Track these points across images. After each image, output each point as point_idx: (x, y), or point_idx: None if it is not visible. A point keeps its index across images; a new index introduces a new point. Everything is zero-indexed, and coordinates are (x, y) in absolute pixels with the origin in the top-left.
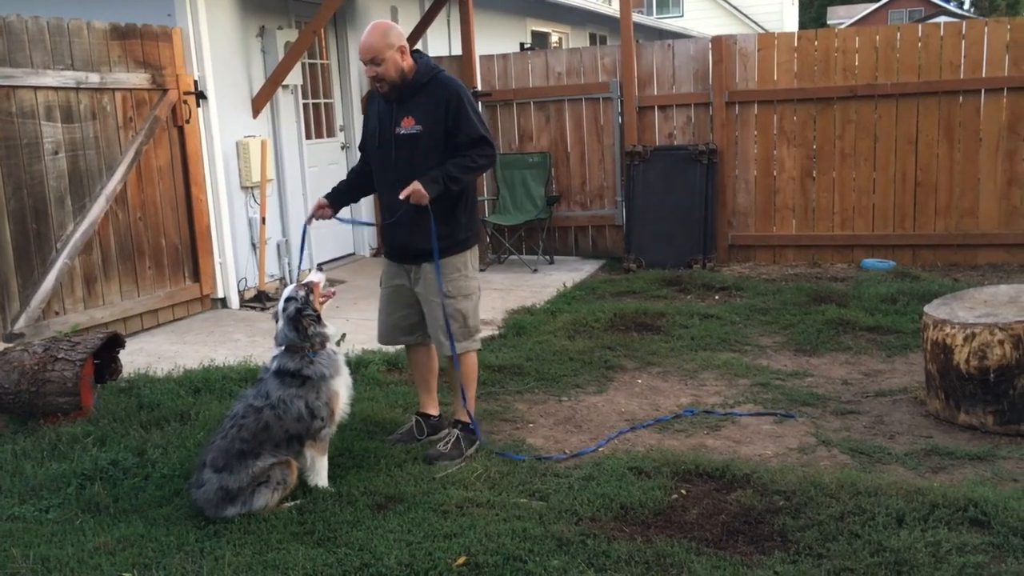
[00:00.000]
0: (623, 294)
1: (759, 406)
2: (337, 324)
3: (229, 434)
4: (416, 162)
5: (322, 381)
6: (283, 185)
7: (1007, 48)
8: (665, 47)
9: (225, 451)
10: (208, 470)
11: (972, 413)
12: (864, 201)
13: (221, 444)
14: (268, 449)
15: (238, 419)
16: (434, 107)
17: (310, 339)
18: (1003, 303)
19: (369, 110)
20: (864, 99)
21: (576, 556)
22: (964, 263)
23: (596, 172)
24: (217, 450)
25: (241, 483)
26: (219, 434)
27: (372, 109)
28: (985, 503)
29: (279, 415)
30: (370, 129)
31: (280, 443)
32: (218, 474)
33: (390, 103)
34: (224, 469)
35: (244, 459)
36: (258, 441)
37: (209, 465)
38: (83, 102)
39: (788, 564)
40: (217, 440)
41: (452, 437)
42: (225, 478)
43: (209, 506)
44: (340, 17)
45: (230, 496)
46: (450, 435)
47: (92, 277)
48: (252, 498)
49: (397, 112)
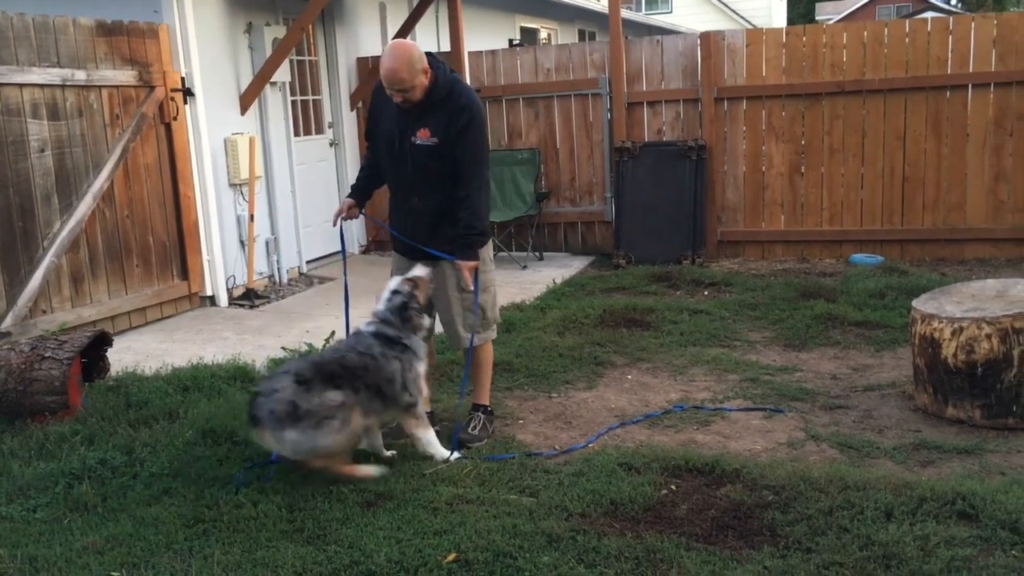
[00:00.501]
0: (613, 290)
1: (748, 401)
2: (326, 321)
3: (326, 356)
4: (432, 174)
5: (415, 356)
6: (272, 182)
7: (994, 43)
8: (654, 43)
9: (317, 367)
10: (287, 377)
11: (960, 407)
12: (852, 196)
13: (315, 360)
14: (350, 388)
15: (340, 351)
16: (448, 120)
17: (412, 327)
18: (990, 297)
19: (378, 103)
20: (852, 95)
21: (566, 552)
22: (952, 258)
23: (585, 168)
24: (309, 363)
25: (311, 405)
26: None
27: (382, 106)
28: (973, 496)
29: (379, 366)
30: (384, 131)
31: (361, 390)
32: (297, 385)
33: (400, 109)
34: (305, 383)
35: (329, 384)
36: (352, 375)
37: (293, 373)
38: (69, 99)
39: (777, 559)
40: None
41: (479, 421)
42: (300, 393)
43: (271, 421)
44: (328, 13)
45: (297, 415)
46: (476, 419)
47: (79, 275)
48: (317, 429)
49: (414, 121)
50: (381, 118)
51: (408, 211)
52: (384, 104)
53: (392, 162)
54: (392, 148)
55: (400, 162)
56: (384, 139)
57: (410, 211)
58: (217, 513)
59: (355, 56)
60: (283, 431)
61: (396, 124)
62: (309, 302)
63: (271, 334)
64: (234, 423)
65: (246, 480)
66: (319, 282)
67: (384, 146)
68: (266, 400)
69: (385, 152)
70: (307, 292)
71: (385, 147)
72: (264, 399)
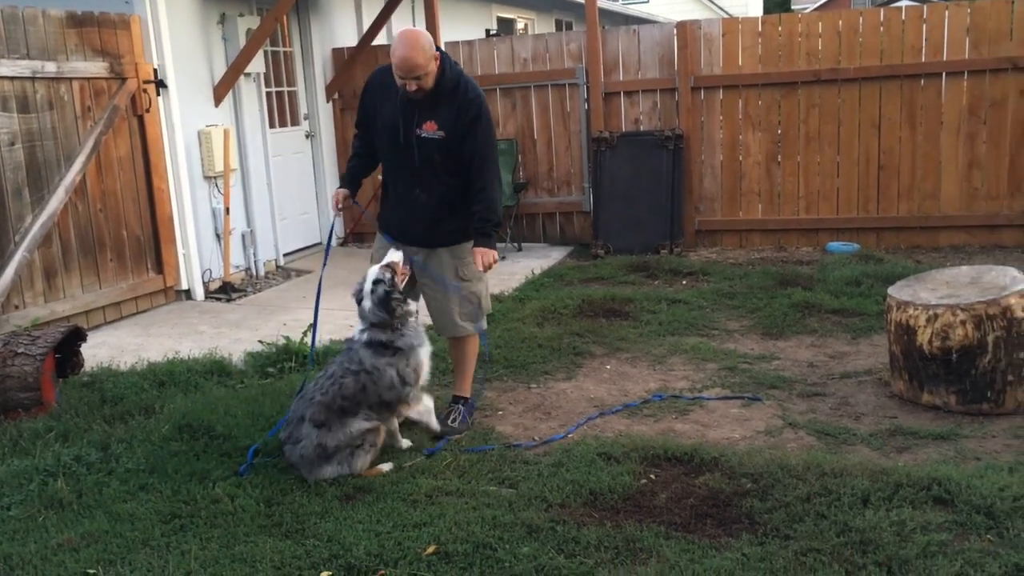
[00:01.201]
0: (591, 280)
1: (727, 390)
2: (304, 314)
3: (330, 391)
4: (438, 167)
5: (411, 351)
6: (247, 174)
7: (967, 31)
8: (631, 33)
9: (327, 407)
10: (308, 425)
11: (935, 393)
12: (828, 185)
13: (322, 400)
14: (363, 411)
15: (337, 378)
16: (456, 114)
17: (399, 318)
18: (964, 284)
19: (374, 93)
20: (828, 83)
21: (546, 542)
22: (926, 245)
23: (563, 158)
24: (318, 406)
25: (339, 441)
26: (316, 390)
27: (380, 96)
28: (948, 482)
29: (374, 380)
30: (385, 123)
31: (373, 406)
32: (318, 430)
33: (402, 101)
34: (323, 425)
35: (344, 417)
36: (355, 401)
37: (309, 420)
38: (40, 92)
39: (756, 546)
40: (317, 396)
41: (459, 413)
42: (324, 435)
43: (305, 464)
44: (303, 4)
45: (327, 454)
46: (456, 411)
47: (52, 270)
48: (351, 459)
49: (419, 113)
50: (380, 109)
51: (411, 203)
52: (382, 94)
53: (395, 154)
54: (396, 140)
55: (405, 155)
56: (386, 131)
57: (412, 203)
58: (194, 508)
59: (330, 47)
60: (321, 469)
61: (400, 115)
62: (286, 295)
63: (248, 327)
64: (211, 417)
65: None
66: (296, 275)
67: (385, 138)
68: (294, 448)
69: (387, 144)
70: (284, 285)
71: (387, 139)
72: (292, 447)
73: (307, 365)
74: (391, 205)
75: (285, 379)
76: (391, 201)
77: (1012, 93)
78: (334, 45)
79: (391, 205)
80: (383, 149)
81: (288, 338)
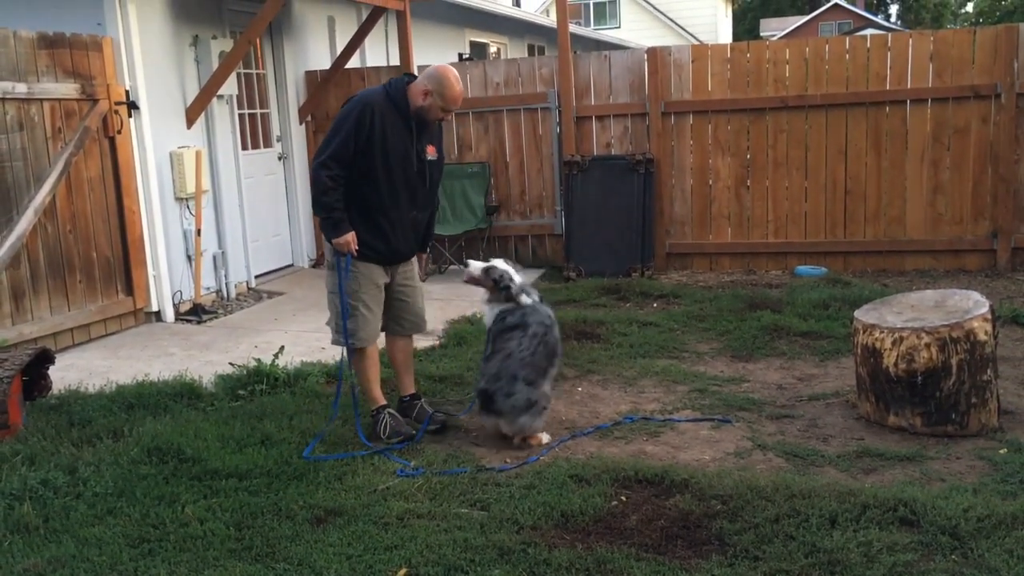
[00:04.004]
0: (563, 303)
1: (697, 412)
2: (275, 336)
3: (537, 351)
4: (436, 187)
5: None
6: (219, 196)
7: (931, 59)
8: (602, 58)
9: (535, 367)
10: (521, 383)
11: (901, 415)
12: (797, 209)
13: (531, 361)
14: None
15: (540, 337)
16: (438, 136)
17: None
18: (929, 308)
19: (377, 123)
20: (795, 109)
21: (517, 565)
22: (893, 269)
23: (535, 182)
24: (530, 367)
25: (533, 396)
26: (524, 350)
27: (385, 125)
28: (914, 503)
29: (555, 335)
30: (396, 151)
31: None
32: (528, 387)
33: (409, 127)
34: (532, 383)
35: (542, 375)
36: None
37: (523, 379)
38: (9, 112)
39: (726, 567)
40: (527, 356)
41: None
42: (532, 391)
43: (514, 412)
44: (276, 26)
45: (529, 405)
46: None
47: (20, 291)
48: (540, 415)
49: (418, 140)
50: (387, 137)
51: (405, 224)
52: (388, 124)
53: (406, 179)
54: (408, 166)
55: (416, 179)
56: (396, 158)
57: (408, 223)
58: (163, 532)
59: (304, 69)
60: (519, 418)
61: (411, 143)
62: (258, 317)
63: (218, 350)
64: (181, 440)
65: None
66: (268, 296)
67: (395, 165)
68: (509, 400)
69: (397, 170)
70: (256, 307)
71: (397, 166)
72: (505, 400)
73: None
74: (378, 231)
75: (256, 401)
76: (378, 227)
77: (975, 120)
78: (307, 68)
79: (378, 231)
80: (385, 176)
81: (259, 360)
